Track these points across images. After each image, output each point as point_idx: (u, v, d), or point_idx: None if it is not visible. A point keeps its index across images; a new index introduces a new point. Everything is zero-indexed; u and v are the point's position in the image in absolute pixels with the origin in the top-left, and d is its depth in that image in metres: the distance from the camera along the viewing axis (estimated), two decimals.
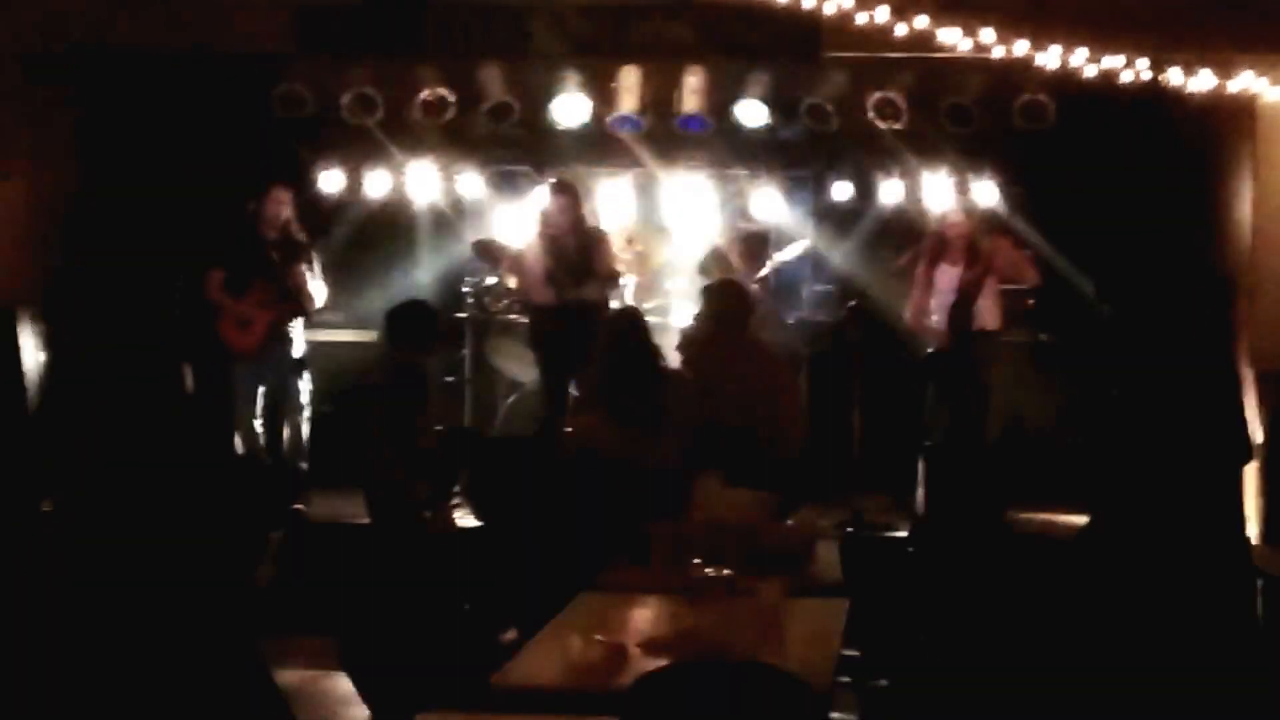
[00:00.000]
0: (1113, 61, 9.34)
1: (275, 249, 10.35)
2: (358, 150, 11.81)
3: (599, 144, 11.78)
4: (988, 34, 9.09)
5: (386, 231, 12.15)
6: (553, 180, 11.00)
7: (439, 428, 9.50)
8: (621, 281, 10.98)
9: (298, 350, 10.57)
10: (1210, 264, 10.26)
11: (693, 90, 11.30)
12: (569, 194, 10.62)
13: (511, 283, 11.24)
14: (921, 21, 9.01)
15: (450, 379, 11.66)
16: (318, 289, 10.52)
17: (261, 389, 10.47)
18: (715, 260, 11.56)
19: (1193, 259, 9.74)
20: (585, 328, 9.91)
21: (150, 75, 11.05)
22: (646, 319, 9.08)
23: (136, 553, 6.84)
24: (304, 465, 10.60)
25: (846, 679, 6.39)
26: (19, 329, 10.12)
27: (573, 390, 10.14)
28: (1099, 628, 5.61)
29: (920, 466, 9.98)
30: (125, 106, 11.26)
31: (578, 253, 10.46)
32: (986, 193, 11.45)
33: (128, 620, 5.41)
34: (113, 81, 11.16)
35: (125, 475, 9.07)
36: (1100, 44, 9.34)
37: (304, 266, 10.43)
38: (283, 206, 10.44)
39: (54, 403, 10.28)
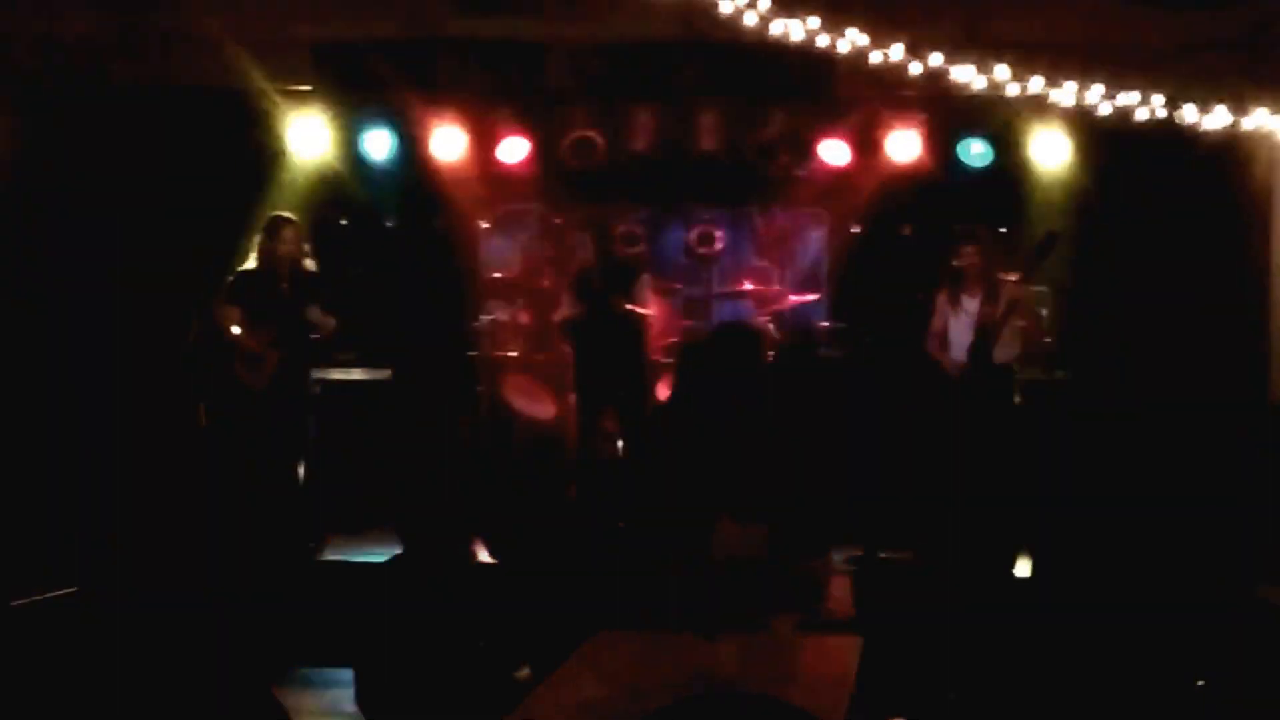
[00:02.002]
0: (1128, 98, 9.33)
1: (286, 283, 10.35)
2: (372, 187, 11.82)
3: (613, 181, 11.78)
4: (1002, 71, 9.08)
5: (400, 269, 12.13)
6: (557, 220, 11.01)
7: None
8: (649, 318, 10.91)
9: (310, 389, 10.55)
10: None
11: (706, 129, 11.31)
12: (589, 230, 10.64)
13: (523, 319, 11.23)
14: (936, 59, 9.00)
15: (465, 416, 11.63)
16: (327, 321, 10.51)
17: (273, 427, 10.43)
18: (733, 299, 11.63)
19: None
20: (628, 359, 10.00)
21: (171, 112, 11.10)
22: None
23: (155, 588, 6.83)
24: (317, 503, 10.57)
25: (861, 717, 6.34)
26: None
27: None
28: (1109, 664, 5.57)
29: (938, 502, 9.93)
30: (145, 143, 11.30)
31: (603, 284, 10.44)
32: (1000, 227, 11.43)
33: (142, 657, 5.39)
34: (133, 119, 11.20)
35: (142, 511, 9.07)
36: (1115, 81, 9.33)
37: (315, 300, 10.42)
38: (292, 244, 10.44)
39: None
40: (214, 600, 7.67)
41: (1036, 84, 9.21)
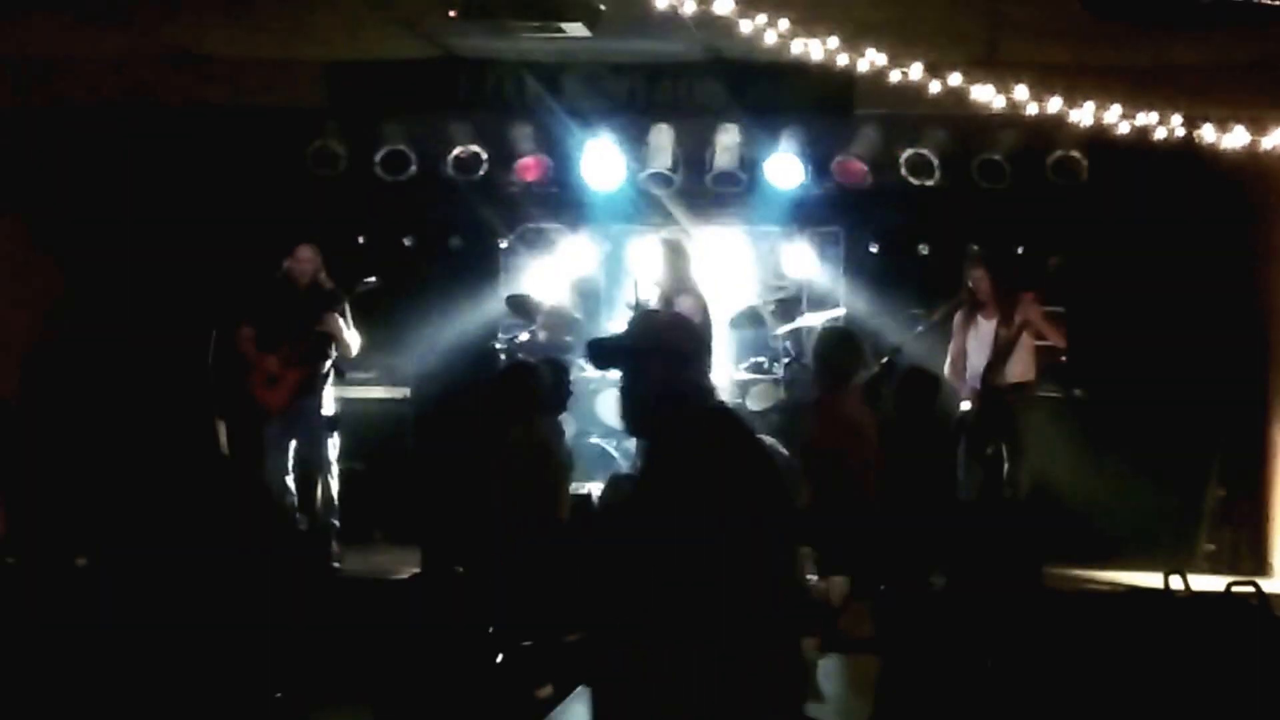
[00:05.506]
0: (1146, 118, 9.32)
1: (306, 299, 10.36)
2: (390, 206, 11.83)
3: (631, 201, 11.78)
4: (1021, 91, 9.08)
5: (418, 287, 12.12)
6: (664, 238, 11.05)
7: None
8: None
9: (328, 407, 10.56)
10: None
11: (725, 147, 11.31)
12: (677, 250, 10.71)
13: (542, 337, 11.23)
14: (955, 78, 9.00)
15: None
16: (352, 338, 10.50)
17: (292, 446, 10.44)
18: (748, 318, 11.62)
19: None
20: None
21: (185, 131, 11.13)
22: None
23: (169, 607, 6.84)
24: (335, 522, 10.57)
25: None
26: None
27: None
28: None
29: (953, 522, 9.91)
30: (161, 162, 11.33)
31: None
32: (1017, 248, 11.45)
33: (158, 674, 5.40)
34: (148, 137, 11.23)
35: (159, 532, 9.07)
36: (1133, 100, 9.32)
37: (337, 315, 10.43)
38: (309, 264, 10.46)
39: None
40: (232, 618, 7.67)
41: (1055, 104, 9.21)
